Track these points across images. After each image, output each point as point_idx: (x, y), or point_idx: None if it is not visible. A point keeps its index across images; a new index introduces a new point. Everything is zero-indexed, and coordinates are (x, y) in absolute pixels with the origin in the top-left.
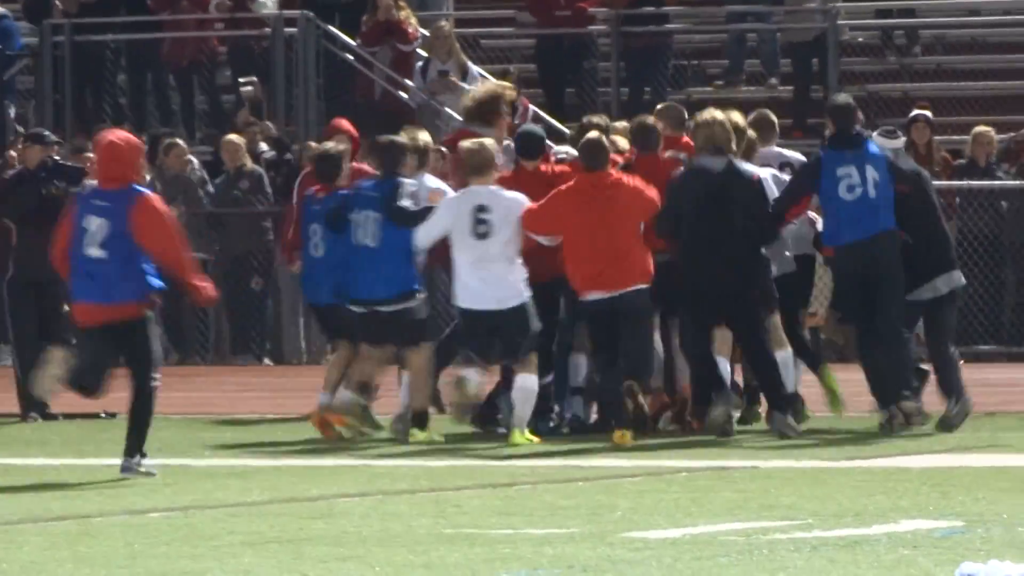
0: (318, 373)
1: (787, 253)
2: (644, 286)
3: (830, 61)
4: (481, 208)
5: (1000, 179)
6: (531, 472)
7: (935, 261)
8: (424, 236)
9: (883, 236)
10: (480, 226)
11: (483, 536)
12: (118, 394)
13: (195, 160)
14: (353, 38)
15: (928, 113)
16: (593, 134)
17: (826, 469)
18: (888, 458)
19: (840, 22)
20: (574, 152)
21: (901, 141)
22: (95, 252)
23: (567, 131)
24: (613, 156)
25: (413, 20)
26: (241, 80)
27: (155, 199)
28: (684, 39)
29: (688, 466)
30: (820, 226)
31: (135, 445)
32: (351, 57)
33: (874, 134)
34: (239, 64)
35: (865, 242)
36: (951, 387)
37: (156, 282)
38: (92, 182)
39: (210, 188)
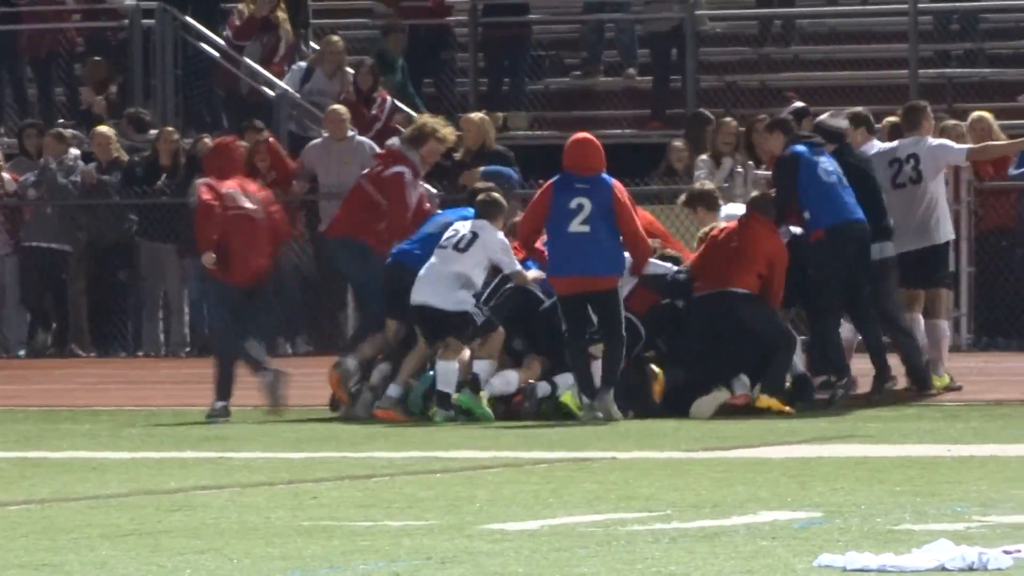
0: (177, 365)
1: None
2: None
3: (688, 51)
4: None
5: None
6: (389, 464)
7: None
8: None
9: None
10: None
11: (341, 528)
12: None
13: (75, 151)
14: (211, 29)
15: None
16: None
17: (685, 460)
18: (748, 449)
19: (698, 12)
20: (737, 213)
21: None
22: None
23: (424, 120)
24: None
25: (288, 26)
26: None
27: None
28: (543, 30)
29: (547, 457)
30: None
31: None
32: (211, 49)
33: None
34: (97, 56)
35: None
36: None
37: None
38: None
39: (76, 178)
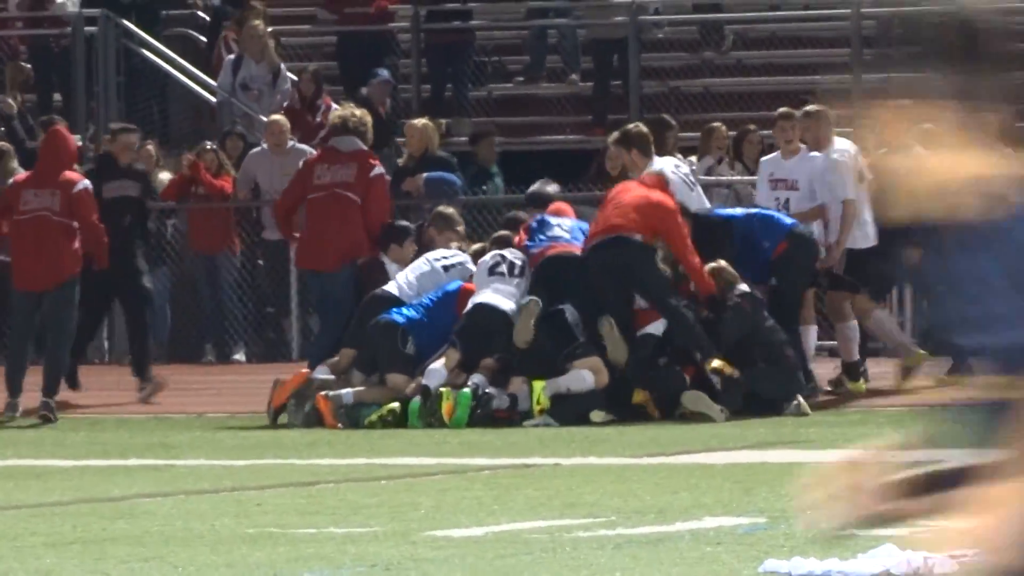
0: (119, 372)
1: None
2: None
3: (631, 57)
4: None
5: None
6: (333, 470)
7: None
8: None
9: None
10: None
11: (286, 535)
12: None
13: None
14: (153, 36)
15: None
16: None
17: (629, 466)
18: (691, 455)
19: (642, 18)
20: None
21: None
22: None
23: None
24: None
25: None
26: None
27: None
28: (485, 35)
29: (490, 464)
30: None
31: None
32: (153, 56)
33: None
34: (39, 63)
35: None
36: None
37: None
38: None
39: None
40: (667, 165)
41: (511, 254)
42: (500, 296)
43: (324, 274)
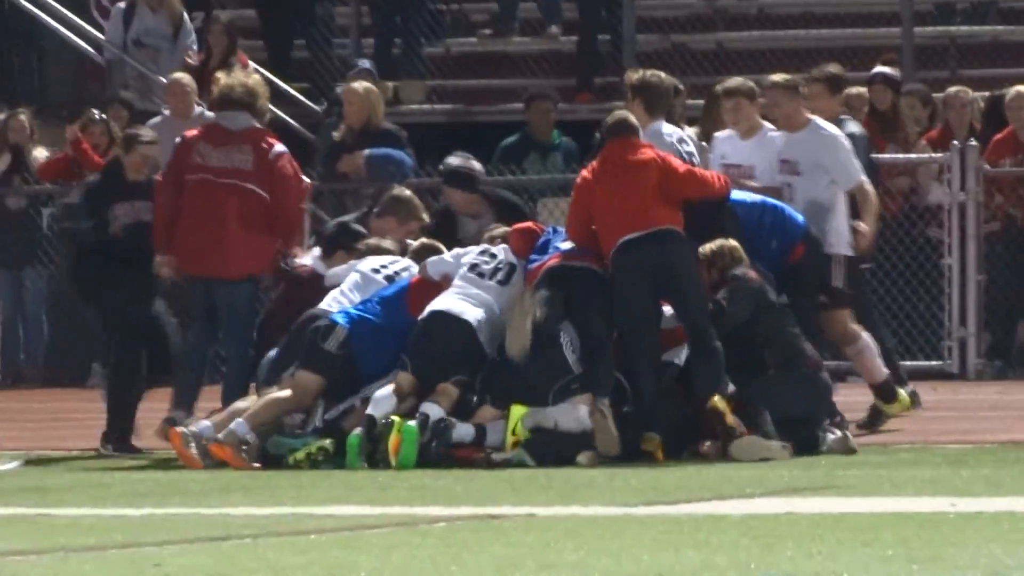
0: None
1: None
2: None
3: (625, 5)
4: None
5: None
6: (250, 522)
7: None
8: None
9: None
10: None
11: None
12: None
13: None
14: None
15: (887, 69)
16: None
17: (620, 517)
18: (698, 503)
19: None
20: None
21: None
22: None
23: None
24: None
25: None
26: None
27: None
28: None
29: (447, 514)
30: None
31: None
32: (26, 2)
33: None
34: None
35: None
36: None
37: None
38: None
39: None
40: (671, 136)
41: (504, 254)
42: (465, 303)
43: (224, 283)
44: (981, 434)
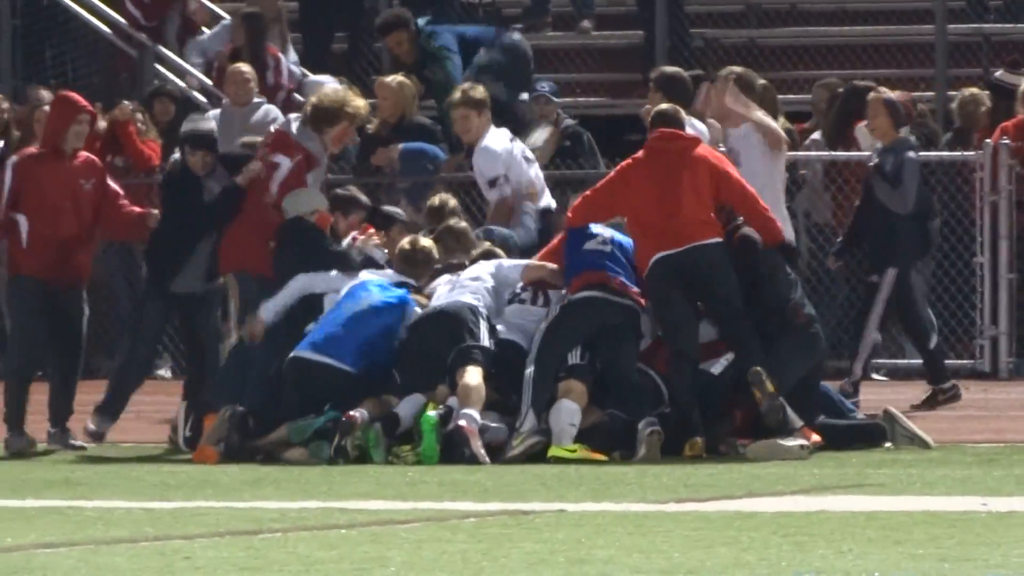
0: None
1: None
2: None
3: (658, 2)
4: None
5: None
6: (281, 516)
7: None
8: None
9: None
10: None
11: None
12: None
13: None
14: None
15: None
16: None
17: (652, 514)
18: (729, 500)
19: None
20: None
21: None
22: None
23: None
24: None
25: None
26: None
27: None
28: None
29: (478, 509)
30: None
31: None
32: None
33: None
34: None
35: None
36: None
37: None
38: None
39: None
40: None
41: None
42: (463, 292)
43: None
44: (1013, 433)
